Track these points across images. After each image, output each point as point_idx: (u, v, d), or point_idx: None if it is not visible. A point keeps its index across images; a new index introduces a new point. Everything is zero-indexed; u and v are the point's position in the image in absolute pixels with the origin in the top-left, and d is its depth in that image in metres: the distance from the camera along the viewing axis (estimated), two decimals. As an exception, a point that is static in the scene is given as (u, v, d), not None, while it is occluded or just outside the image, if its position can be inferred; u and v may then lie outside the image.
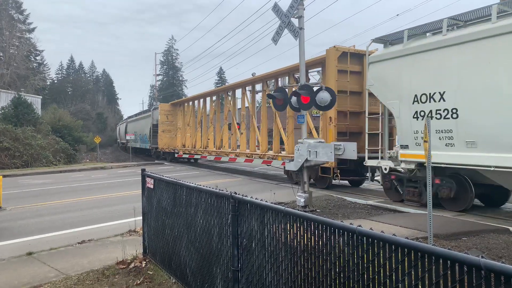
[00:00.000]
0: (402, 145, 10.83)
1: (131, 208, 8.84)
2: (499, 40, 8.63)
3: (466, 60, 9.25)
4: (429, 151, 6.06)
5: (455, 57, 9.47)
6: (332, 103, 10.50)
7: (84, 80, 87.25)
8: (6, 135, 27.57)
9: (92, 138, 42.82)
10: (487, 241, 7.24)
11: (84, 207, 12.09)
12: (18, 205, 12.57)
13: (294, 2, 10.41)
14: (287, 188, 14.17)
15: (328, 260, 2.77)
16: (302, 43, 10.60)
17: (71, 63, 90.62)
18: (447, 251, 1.96)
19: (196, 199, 4.74)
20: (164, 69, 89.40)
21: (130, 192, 14.37)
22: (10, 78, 42.37)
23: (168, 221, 5.59)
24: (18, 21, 52.42)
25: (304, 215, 3.06)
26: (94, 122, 67.37)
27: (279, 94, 11.03)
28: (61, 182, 19.50)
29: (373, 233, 2.41)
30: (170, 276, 5.55)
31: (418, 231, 7.80)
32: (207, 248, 4.45)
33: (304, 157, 10.14)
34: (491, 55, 8.79)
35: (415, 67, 10.41)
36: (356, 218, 9.54)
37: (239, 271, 3.84)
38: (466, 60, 9.26)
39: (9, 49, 45.33)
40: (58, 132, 35.47)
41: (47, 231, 9.09)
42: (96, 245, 7.68)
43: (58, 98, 63.97)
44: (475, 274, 1.83)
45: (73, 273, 6.06)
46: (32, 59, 55.52)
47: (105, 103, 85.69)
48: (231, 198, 3.91)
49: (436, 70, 9.90)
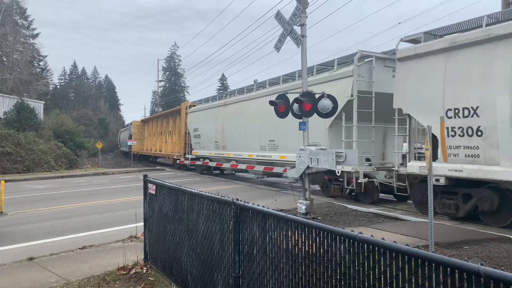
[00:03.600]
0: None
1: (132, 214, 8.85)
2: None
3: None
4: (430, 160, 6.08)
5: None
6: (334, 110, 10.53)
7: (87, 86, 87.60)
8: (8, 140, 27.64)
9: (94, 144, 42.91)
10: (489, 250, 7.22)
11: (86, 212, 12.10)
12: (20, 210, 12.59)
13: (296, 10, 10.50)
14: (288, 195, 14.16)
15: (329, 267, 2.79)
16: (305, 51, 10.67)
17: (74, 68, 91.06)
18: (446, 258, 1.98)
19: (197, 205, 4.76)
20: (167, 75, 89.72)
21: (131, 198, 14.38)
22: (13, 83, 42.57)
23: (170, 227, 5.60)
24: (22, 26, 52.77)
25: (305, 221, 3.08)
26: (96, 128, 67.52)
27: (281, 101, 11.08)
28: (63, 187, 19.53)
29: (374, 240, 2.43)
30: (171, 283, 5.56)
31: (419, 239, 7.79)
32: (209, 254, 4.46)
33: (305, 164, 10.16)
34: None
35: None
36: (357, 225, 9.53)
37: (240, 278, 3.85)
38: None
39: (13, 55, 45.58)
40: (60, 137, 35.56)
41: (48, 236, 9.11)
42: (97, 250, 7.69)
43: (61, 104, 64.19)
44: (475, 281, 1.85)
45: (74, 278, 6.06)
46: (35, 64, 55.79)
47: (107, 109, 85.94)
48: (233, 205, 3.94)
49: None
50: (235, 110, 20.15)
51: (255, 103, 18.21)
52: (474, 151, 9.16)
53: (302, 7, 10.46)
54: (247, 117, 18.84)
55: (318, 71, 14.69)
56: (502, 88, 8.61)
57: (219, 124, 21.78)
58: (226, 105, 21.33)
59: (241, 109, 19.54)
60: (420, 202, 10.70)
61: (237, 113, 19.93)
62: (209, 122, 23.01)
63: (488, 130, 8.86)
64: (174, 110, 32.00)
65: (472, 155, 9.19)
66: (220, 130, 21.71)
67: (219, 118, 21.83)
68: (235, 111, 20.21)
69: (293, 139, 14.43)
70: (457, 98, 9.36)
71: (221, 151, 21.92)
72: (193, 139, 25.67)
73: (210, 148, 23.32)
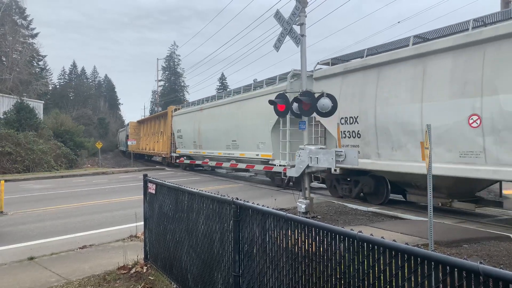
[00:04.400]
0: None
1: (132, 214, 8.86)
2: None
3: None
4: (430, 158, 6.08)
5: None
6: (333, 109, 10.54)
7: (86, 85, 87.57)
8: (8, 140, 27.64)
9: (93, 143, 42.96)
10: (488, 248, 7.23)
11: (85, 212, 12.10)
12: (20, 210, 12.60)
13: (296, 9, 10.50)
14: (288, 194, 14.17)
15: (329, 265, 2.80)
16: (304, 50, 10.67)
17: (73, 68, 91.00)
18: (446, 256, 1.99)
19: (197, 204, 4.76)
20: (166, 75, 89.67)
21: (131, 197, 14.39)
22: (13, 83, 42.53)
23: (170, 227, 5.61)
24: (21, 26, 52.72)
25: (305, 221, 3.08)
26: (96, 127, 67.54)
27: (281, 101, 11.09)
28: (63, 187, 19.54)
29: (373, 238, 2.43)
30: (171, 282, 5.56)
31: (419, 238, 7.80)
32: (209, 253, 4.47)
33: (305, 163, 10.17)
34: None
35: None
36: (357, 224, 9.54)
37: (240, 277, 3.86)
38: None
39: (12, 54, 45.53)
40: (60, 137, 35.56)
41: (49, 236, 9.11)
42: (97, 250, 7.70)
43: (60, 103, 64.19)
44: (474, 279, 1.85)
45: (74, 278, 6.07)
46: (34, 64, 55.76)
47: (107, 109, 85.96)
48: (233, 204, 3.94)
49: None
50: (209, 114, 23.29)
51: (223, 109, 21.39)
52: (356, 148, 12.12)
53: (301, 7, 10.47)
54: (217, 120, 21.92)
55: (267, 84, 17.99)
56: (371, 103, 11.55)
57: (196, 126, 24.88)
58: (202, 110, 24.38)
59: (213, 113, 22.67)
60: (330, 187, 14.22)
61: (210, 117, 23.00)
62: (189, 125, 26.18)
63: (363, 133, 11.94)
64: (164, 112, 34.68)
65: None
66: (197, 131, 24.76)
67: (197, 121, 24.82)
68: (208, 115, 23.31)
69: (248, 139, 18.24)
70: (346, 110, 12.32)
71: (198, 150, 24.95)
72: (177, 139, 28.99)
73: (190, 147, 26.41)
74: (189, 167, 28.44)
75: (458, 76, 9.34)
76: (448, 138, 9.50)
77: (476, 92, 9.01)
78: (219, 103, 22.09)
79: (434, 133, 8.72)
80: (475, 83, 9.03)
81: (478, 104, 8.95)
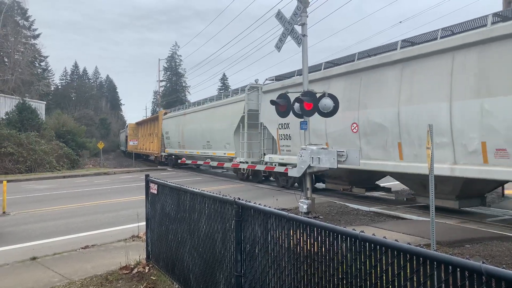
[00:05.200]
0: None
1: (134, 214, 8.87)
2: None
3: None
4: (432, 158, 6.06)
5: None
6: (335, 109, 10.54)
7: (88, 86, 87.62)
8: (10, 140, 27.70)
9: (95, 144, 43.00)
10: (490, 248, 7.21)
11: (87, 212, 12.13)
12: (22, 210, 12.63)
13: (297, 9, 10.50)
14: (289, 195, 14.16)
15: (331, 265, 2.80)
16: (305, 50, 10.67)
17: (75, 69, 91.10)
18: (448, 256, 1.98)
19: (199, 204, 4.77)
20: (167, 75, 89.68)
21: (133, 197, 14.40)
22: (15, 84, 42.63)
23: (172, 227, 5.61)
24: (23, 27, 52.87)
25: (307, 220, 3.08)
26: (98, 128, 67.61)
27: (282, 101, 11.08)
28: (65, 187, 19.58)
29: (375, 238, 2.43)
30: (173, 282, 5.57)
31: (420, 238, 7.79)
32: (211, 253, 4.48)
33: (307, 163, 10.16)
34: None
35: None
36: (359, 224, 9.53)
37: (242, 277, 3.86)
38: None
39: (14, 55, 45.64)
40: (62, 137, 35.61)
41: (51, 236, 9.14)
42: (99, 250, 7.71)
43: (62, 104, 64.27)
44: (476, 279, 1.85)
45: (77, 278, 6.08)
46: (36, 65, 55.89)
47: (109, 109, 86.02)
48: (235, 204, 3.94)
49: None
50: (190, 119, 26.82)
51: (200, 114, 25.07)
52: (289, 148, 15.81)
53: (302, 7, 10.47)
54: (196, 124, 25.49)
55: (233, 93, 21.83)
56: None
57: (180, 129, 28.40)
58: (185, 115, 27.97)
59: (193, 118, 26.19)
60: (276, 179, 17.83)
61: (191, 121, 26.50)
62: (175, 127, 29.82)
63: (292, 136, 15.39)
64: (156, 116, 38.10)
65: (288, 150, 15.95)
66: (181, 133, 28.27)
67: (181, 124, 28.37)
68: (190, 119, 26.85)
69: (218, 140, 22.05)
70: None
71: (182, 149, 28.47)
72: (165, 140, 32.48)
73: (176, 147, 30.03)
74: (176, 165, 31.72)
75: (346, 95, 12.27)
76: (340, 140, 12.77)
77: (355, 107, 12.03)
78: (198, 109, 25.82)
79: (331, 136, 13.15)
80: (355, 100, 12.07)
81: (356, 115, 11.99)
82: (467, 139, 9.01)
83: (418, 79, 10.18)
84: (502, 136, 8.35)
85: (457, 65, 9.15)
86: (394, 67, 10.92)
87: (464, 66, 9.02)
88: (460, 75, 9.08)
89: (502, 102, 8.29)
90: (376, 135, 11.43)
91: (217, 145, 22.12)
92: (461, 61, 9.09)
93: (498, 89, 8.37)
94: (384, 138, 11.19)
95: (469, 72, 8.88)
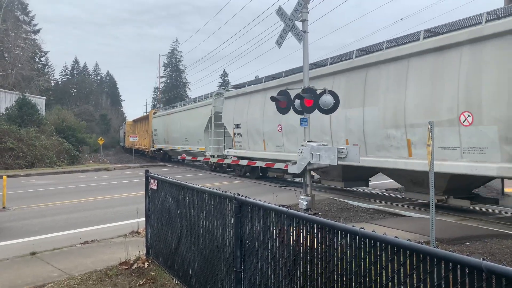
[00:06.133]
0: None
1: (134, 209, 8.87)
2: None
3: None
4: (432, 155, 6.06)
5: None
6: (335, 106, 10.51)
7: (88, 82, 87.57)
8: (10, 136, 27.70)
9: (95, 139, 43.02)
10: (490, 246, 7.22)
11: (87, 208, 12.13)
12: (22, 205, 12.64)
13: (298, 5, 10.45)
14: (289, 191, 14.15)
15: (331, 261, 2.79)
16: (306, 47, 10.63)
17: (75, 64, 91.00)
18: (448, 253, 1.98)
19: (199, 200, 4.76)
20: (168, 71, 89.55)
21: (133, 193, 14.41)
22: (15, 79, 42.57)
23: (171, 222, 5.61)
24: (23, 22, 52.74)
25: (307, 216, 3.08)
26: (98, 124, 67.64)
27: (283, 97, 11.05)
28: (64, 183, 19.59)
29: (375, 235, 2.43)
30: (173, 277, 5.58)
31: (420, 235, 7.79)
32: (210, 249, 4.48)
33: (307, 160, 10.15)
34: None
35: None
36: (359, 221, 9.53)
37: (242, 272, 3.86)
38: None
39: (14, 50, 45.55)
40: (62, 133, 35.60)
41: (51, 231, 9.14)
42: (99, 245, 7.72)
43: (62, 99, 64.26)
44: (477, 276, 1.84)
45: (76, 273, 6.09)
46: (36, 60, 55.80)
47: (109, 105, 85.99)
48: (235, 200, 3.94)
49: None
50: (173, 118, 30.89)
51: (180, 114, 29.11)
52: (242, 144, 19.48)
53: (303, 3, 10.42)
54: (177, 123, 29.52)
55: (205, 97, 25.47)
56: (244, 116, 18.96)
57: (165, 127, 32.76)
58: (169, 114, 32.05)
59: (176, 117, 30.20)
60: (234, 171, 21.60)
61: (174, 121, 30.52)
62: (161, 125, 33.95)
63: (243, 134, 19.13)
64: (148, 115, 41.79)
65: (240, 146, 19.68)
66: (166, 131, 32.64)
67: (166, 123, 32.67)
68: (173, 119, 30.92)
69: (193, 137, 26.16)
70: (236, 118, 19.79)
71: (167, 145, 33.07)
72: (154, 137, 36.63)
73: (162, 143, 34.31)
74: (163, 158, 36.29)
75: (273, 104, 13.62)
76: (273, 138, 16.61)
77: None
78: (179, 110, 30.06)
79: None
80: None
81: (280, 118, 15.33)
82: (338, 137, 13.11)
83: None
84: (356, 135, 12.38)
85: (336, 84, 12.95)
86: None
87: (339, 86, 12.85)
88: (337, 91, 11.47)
89: (356, 112, 12.27)
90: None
91: (192, 141, 26.44)
92: (337, 82, 13.07)
93: (354, 103, 12.36)
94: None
95: (341, 90, 12.38)
